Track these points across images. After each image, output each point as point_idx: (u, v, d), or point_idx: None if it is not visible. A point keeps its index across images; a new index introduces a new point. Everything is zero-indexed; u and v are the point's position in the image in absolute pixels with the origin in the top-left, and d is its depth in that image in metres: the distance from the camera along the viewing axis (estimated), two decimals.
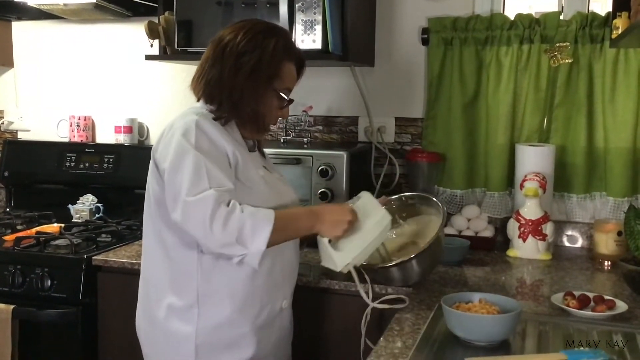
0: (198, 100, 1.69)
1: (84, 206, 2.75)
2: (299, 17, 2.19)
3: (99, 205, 2.78)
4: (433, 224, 1.93)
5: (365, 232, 1.66)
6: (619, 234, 2.18)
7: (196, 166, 1.49)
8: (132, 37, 2.89)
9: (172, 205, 1.50)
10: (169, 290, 1.63)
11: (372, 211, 1.70)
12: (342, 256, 1.64)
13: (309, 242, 1.99)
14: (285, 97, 1.67)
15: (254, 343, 1.64)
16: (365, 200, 1.72)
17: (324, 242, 1.64)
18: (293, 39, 2.16)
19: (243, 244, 1.47)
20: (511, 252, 2.28)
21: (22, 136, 3.17)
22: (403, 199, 2.03)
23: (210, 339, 1.61)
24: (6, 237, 2.45)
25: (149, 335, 1.70)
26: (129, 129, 2.89)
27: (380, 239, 1.72)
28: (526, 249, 2.25)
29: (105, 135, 3.01)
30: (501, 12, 2.48)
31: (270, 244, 1.50)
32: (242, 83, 1.59)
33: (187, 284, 1.61)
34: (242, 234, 1.46)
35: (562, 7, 2.46)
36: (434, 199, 1.98)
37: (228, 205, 1.47)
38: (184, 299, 1.61)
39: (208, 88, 1.63)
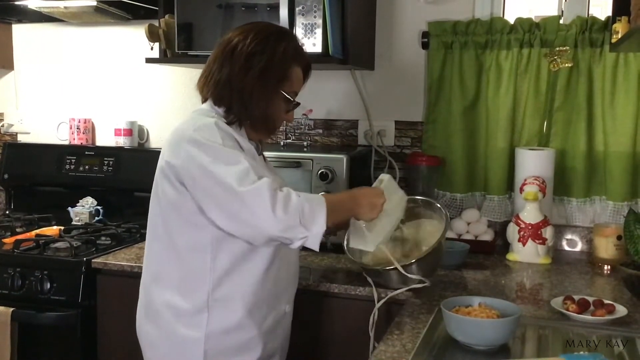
0: (204, 101, 1.69)
1: (84, 209, 2.75)
2: (299, 20, 2.19)
3: (99, 208, 2.78)
4: (433, 228, 1.94)
5: (391, 213, 1.77)
6: (619, 238, 2.18)
7: (237, 162, 1.49)
8: (133, 40, 2.89)
9: (222, 205, 1.49)
10: (177, 294, 1.62)
11: (393, 193, 1.80)
12: (374, 237, 1.73)
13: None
14: (293, 100, 1.68)
15: (260, 347, 1.65)
16: (388, 183, 1.80)
17: (358, 224, 1.71)
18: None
19: (305, 226, 1.49)
20: (511, 256, 2.28)
21: (22, 139, 3.17)
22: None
23: (218, 344, 1.62)
24: (6, 240, 2.45)
25: (153, 338, 1.68)
26: (129, 132, 2.89)
27: (400, 218, 1.85)
28: (526, 253, 2.25)
29: (105, 138, 3.01)
30: (501, 16, 2.48)
31: (326, 226, 1.52)
32: (252, 84, 1.59)
33: (198, 288, 1.60)
34: (303, 216, 1.48)
35: (562, 12, 2.47)
36: (438, 205, 1.98)
37: (282, 190, 1.49)
38: (193, 303, 1.61)
39: (217, 89, 1.63)
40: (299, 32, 2.19)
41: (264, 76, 1.60)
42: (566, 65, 2.34)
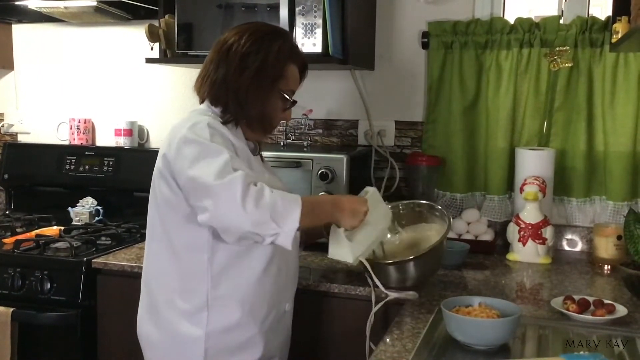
0: (201, 102, 1.69)
1: (84, 209, 2.75)
2: (299, 20, 2.19)
3: (99, 208, 2.78)
4: (434, 232, 1.93)
5: (374, 225, 1.73)
6: (619, 238, 2.18)
7: (217, 156, 1.49)
8: (133, 40, 2.89)
9: (200, 198, 1.48)
10: (177, 294, 1.63)
11: (377, 205, 1.76)
12: (355, 247, 1.68)
13: (307, 245, 2.00)
14: (289, 98, 1.68)
15: (261, 345, 1.66)
16: (372, 195, 1.76)
17: (339, 232, 1.66)
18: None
19: (276, 222, 1.46)
20: (511, 256, 2.28)
21: (22, 139, 3.17)
22: (411, 205, 2.04)
23: (219, 343, 1.62)
24: (6, 240, 2.45)
25: (154, 338, 1.68)
26: (129, 132, 2.90)
27: (384, 234, 1.80)
28: (526, 253, 2.25)
29: (105, 138, 3.01)
30: (501, 16, 2.48)
31: (300, 225, 1.50)
32: (248, 84, 1.60)
33: (197, 287, 1.60)
34: (275, 211, 1.46)
35: (562, 11, 2.47)
36: (439, 207, 1.98)
37: (256, 185, 1.48)
38: (193, 303, 1.61)
39: (213, 89, 1.63)
40: (299, 32, 2.19)
41: (259, 75, 1.60)
42: (566, 65, 2.34)
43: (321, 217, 1.65)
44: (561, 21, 2.37)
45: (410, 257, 1.80)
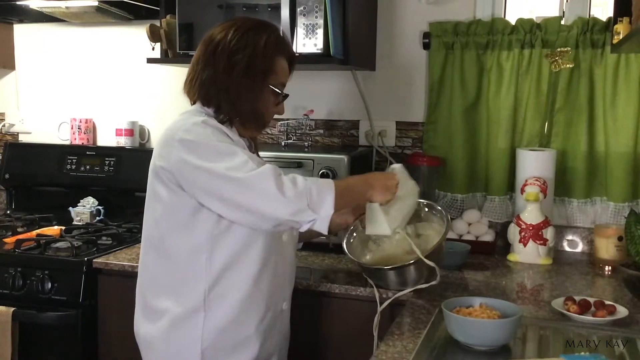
0: (193, 104, 1.68)
1: (85, 209, 2.75)
2: (301, 20, 2.19)
3: (100, 208, 2.78)
4: (434, 232, 1.93)
5: (404, 198, 1.77)
6: (620, 239, 2.18)
7: (231, 152, 1.50)
8: (134, 40, 2.89)
9: (226, 193, 1.49)
10: (173, 295, 1.62)
11: (405, 180, 1.80)
12: (391, 220, 1.72)
13: (306, 244, 2.00)
14: (280, 92, 1.67)
15: (258, 344, 1.65)
16: (399, 170, 1.80)
17: (374, 207, 1.70)
18: (293, 42, 2.17)
19: (313, 209, 1.49)
20: (512, 257, 2.28)
21: (23, 138, 3.17)
22: None
23: (216, 342, 1.61)
24: (7, 240, 2.45)
25: (151, 340, 1.68)
26: (130, 132, 2.90)
27: (414, 207, 1.84)
28: (527, 254, 2.25)
29: (107, 138, 3.01)
30: (502, 16, 2.48)
31: (335, 209, 1.52)
32: (238, 81, 1.59)
33: (194, 288, 1.60)
34: (311, 199, 1.48)
35: (563, 12, 2.47)
36: (439, 207, 1.98)
37: (286, 175, 1.50)
38: (189, 303, 1.60)
39: (203, 90, 1.62)
40: (300, 32, 2.19)
41: (248, 72, 1.59)
42: (567, 66, 2.34)
43: (355, 197, 1.68)
44: (562, 22, 2.37)
45: (410, 262, 1.80)
